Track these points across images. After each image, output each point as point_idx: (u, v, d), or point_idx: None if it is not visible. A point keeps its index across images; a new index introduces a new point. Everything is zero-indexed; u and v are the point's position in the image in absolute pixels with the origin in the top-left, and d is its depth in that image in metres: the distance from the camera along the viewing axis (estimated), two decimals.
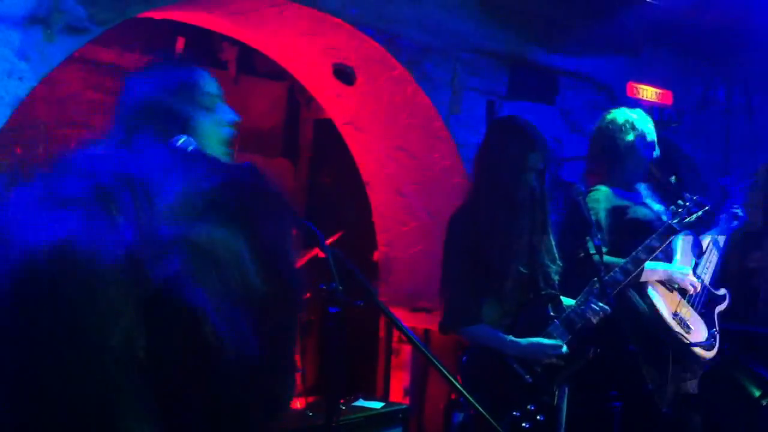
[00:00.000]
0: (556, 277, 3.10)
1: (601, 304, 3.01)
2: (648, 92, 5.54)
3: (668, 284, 3.53)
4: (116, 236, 0.51)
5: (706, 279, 3.73)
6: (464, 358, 3.00)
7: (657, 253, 3.37)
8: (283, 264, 0.59)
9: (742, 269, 6.16)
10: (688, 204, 3.39)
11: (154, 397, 0.49)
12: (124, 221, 0.51)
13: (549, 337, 2.96)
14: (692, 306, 3.57)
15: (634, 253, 3.29)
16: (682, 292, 3.57)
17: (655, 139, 3.68)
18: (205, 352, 0.50)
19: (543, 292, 3.04)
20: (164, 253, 0.50)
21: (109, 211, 0.52)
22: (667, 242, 3.38)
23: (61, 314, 0.48)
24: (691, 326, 3.49)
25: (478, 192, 3.07)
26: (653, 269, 3.46)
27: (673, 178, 3.85)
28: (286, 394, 0.58)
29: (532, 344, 2.92)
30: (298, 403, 4.56)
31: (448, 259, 3.05)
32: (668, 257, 3.58)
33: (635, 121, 3.65)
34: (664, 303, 3.48)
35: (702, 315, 3.61)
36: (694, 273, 3.63)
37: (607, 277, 3.14)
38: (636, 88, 5.32)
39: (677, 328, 3.43)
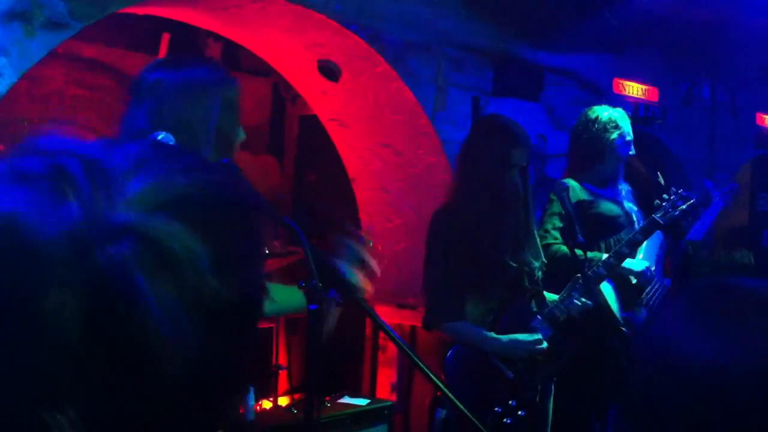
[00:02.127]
0: (539, 274, 3.10)
1: (583, 299, 3.02)
2: (634, 89, 5.55)
3: (627, 279, 3.52)
4: (62, 213, 0.51)
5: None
6: (448, 354, 3.00)
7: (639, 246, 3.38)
8: (246, 273, 0.57)
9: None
10: (672, 198, 3.39)
11: (82, 384, 0.48)
12: (75, 201, 0.51)
13: (532, 332, 2.97)
14: (649, 302, 3.55)
15: (617, 248, 3.30)
16: (641, 287, 3.56)
17: (632, 138, 3.71)
18: (141, 344, 0.49)
19: (527, 289, 3.04)
20: (113, 238, 0.50)
21: (61, 190, 0.52)
22: (651, 236, 3.38)
23: None
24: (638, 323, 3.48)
25: (462, 189, 3.06)
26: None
27: (660, 179, 3.86)
28: (227, 409, 0.57)
29: (512, 341, 2.92)
30: (284, 401, 4.55)
31: (431, 256, 3.05)
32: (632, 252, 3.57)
33: (618, 119, 3.67)
34: (616, 299, 3.49)
35: (655, 311, 3.58)
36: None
37: (590, 272, 3.14)
38: (622, 84, 5.33)
39: (624, 326, 3.42)
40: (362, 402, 3.79)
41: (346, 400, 3.81)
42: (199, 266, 0.52)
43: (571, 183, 3.58)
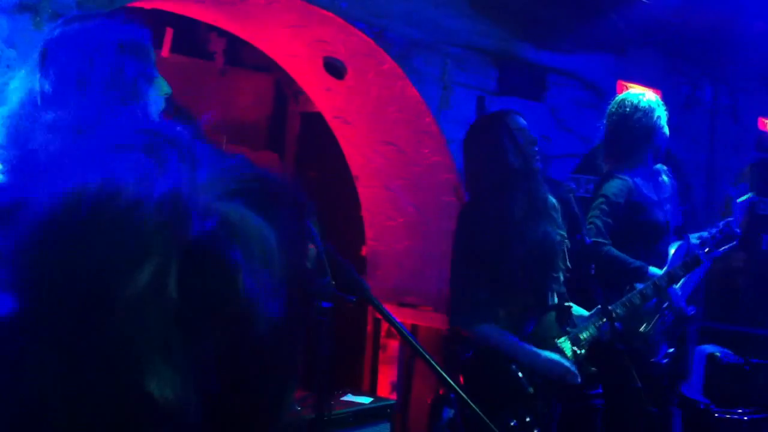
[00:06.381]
0: (562, 284, 3.07)
1: (609, 325, 3.01)
2: (636, 91, 5.56)
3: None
4: (163, 182, 0.52)
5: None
6: (468, 354, 2.94)
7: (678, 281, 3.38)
8: (300, 255, 0.60)
9: (726, 269, 6.20)
10: (716, 235, 3.38)
11: (181, 345, 0.49)
12: (173, 172, 0.54)
13: (558, 350, 2.93)
14: (662, 321, 3.53)
15: (656, 280, 3.27)
16: (657, 306, 3.53)
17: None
18: (236, 307, 0.51)
19: (553, 301, 3.02)
20: (201, 212, 0.52)
21: (159, 161, 0.54)
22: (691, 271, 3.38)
23: (99, 241, 0.50)
24: (651, 342, 3.47)
25: (479, 186, 3.06)
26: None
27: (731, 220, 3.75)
28: (296, 375, 0.60)
29: (550, 360, 2.87)
30: None
31: (457, 255, 3.02)
32: (662, 262, 3.56)
33: (660, 104, 3.66)
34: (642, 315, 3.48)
35: (666, 332, 3.56)
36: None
37: (625, 299, 3.16)
38: (625, 86, 5.34)
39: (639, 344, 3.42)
40: (364, 400, 3.79)
41: (349, 398, 3.81)
42: (270, 249, 0.55)
43: (627, 180, 3.51)
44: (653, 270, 3.38)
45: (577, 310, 3.11)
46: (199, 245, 0.51)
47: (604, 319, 3.02)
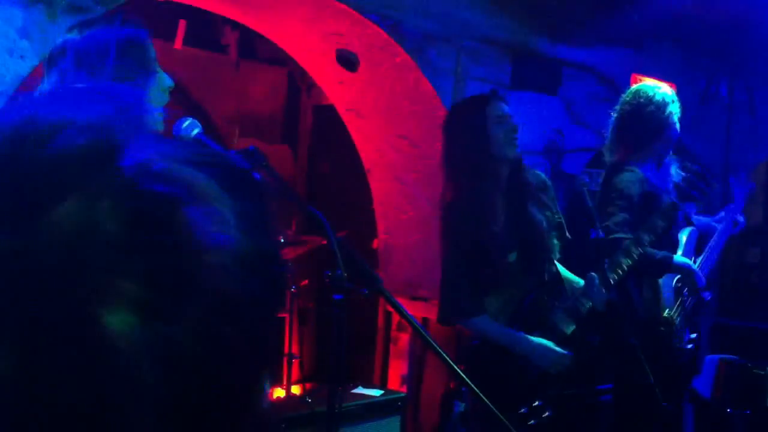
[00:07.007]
0: (554, 265, 3.05)
1: (604, 290, 2.97)
2: (651, 83, 5.52)
3: (676, 282, 3.49)
4: (89, 108, 0.50)
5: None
6: (474, 342, 2.94)
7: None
8: (263, 233, 0.57)
9: (740, 265, 6.16)
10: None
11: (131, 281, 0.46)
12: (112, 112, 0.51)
13: (553, 327, 2.92)
14: (684, 308, 3.52)
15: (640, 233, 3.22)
16: (678, 291, 3.52)
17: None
18: (185, 269, 0.47)
19: (547, 281, 3.00)
20: (158, 174, 0.49)
21: (97, 102, 0.52)
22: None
23: (15, 172, 0.47)
24: (675, 328, 3.46)
25: (458, 178, 3.04)
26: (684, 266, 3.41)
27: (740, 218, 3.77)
28: (264, 359, 0.56)
29: (542, 346, 2.85)
30: (296, 390, 4.55)
31: (445, 250, 3.01)
32: (674, 249, 3.54)
33: (674, 97, 3.62)
34: (663, 301, 3.46)
35: (687, 318, 3.55)
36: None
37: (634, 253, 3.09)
38: (640, 81, 5.30)
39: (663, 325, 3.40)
40: (375, 393, 3.79)
41: (359, 391, 3.81)
42: (227, 216, 0.51)
43: (637, 171, 3.48)
44: (677, 258, 3.36)
45: (571, 280, 3.06)
46: (145, 201, 0.47)
47: (593, 285, 2.96)
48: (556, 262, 3.06)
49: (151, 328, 0.45)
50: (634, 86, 3.72)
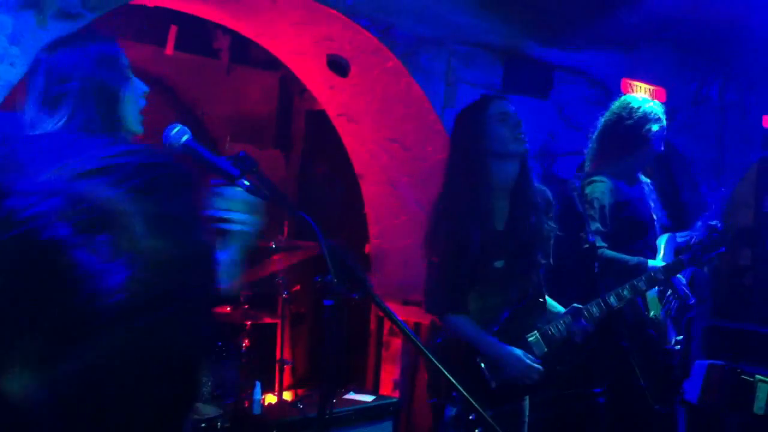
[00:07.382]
0: (539, 276, 3.02)
1: (584, 323, 2.96)
2: (641, 89, 5.53)
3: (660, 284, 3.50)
4: None
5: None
6: (438, 340, 2.95)
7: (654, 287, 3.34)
8: (185, 233, 0.55)
9: (733, 267, 6.18)
10: (704, 243, 3.33)
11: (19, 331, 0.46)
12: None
13: (527, 347, 2.89)
14: (668, 310, 3.53)
15: (635, 282, 3.21)
16: (662, 294, 3.53)
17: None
18: (64, 282, 0.48)
19: (530, 295, 2.98)
20: (40, 198, 0.49)
21: None
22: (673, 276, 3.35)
23: None
24: (662, 329, 3.47)
25: (451, 176, 3.03)
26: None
27: (717, 223, 3.72)
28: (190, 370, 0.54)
29: (510, 354, 2.82)
30: (287, 395, 4.54)
31: (430, 246, 3.00)
32: (653, 254, 3.54)
33: (659, 111, 3.60)
34: (648, 303, 3.47)
35: (673, 320, 3.56)
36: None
37: (605, 297, 3.11)
38: (630, 84, 5.31)
39: (652, 330, 3.41)
40: (368, 398, 3.78)
41: (352, 395, 3.80)
42: (131, 223, 0.50)
43: (607, 182, 3.48)
44: (652, 263, 3.36)
45: (552, 305, 3.06)
46: (14, 227, 0.47)
47: (577, 314, 2.96)
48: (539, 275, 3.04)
49: (43, 376, 0.44)
50: (625, 95, 3.73)
